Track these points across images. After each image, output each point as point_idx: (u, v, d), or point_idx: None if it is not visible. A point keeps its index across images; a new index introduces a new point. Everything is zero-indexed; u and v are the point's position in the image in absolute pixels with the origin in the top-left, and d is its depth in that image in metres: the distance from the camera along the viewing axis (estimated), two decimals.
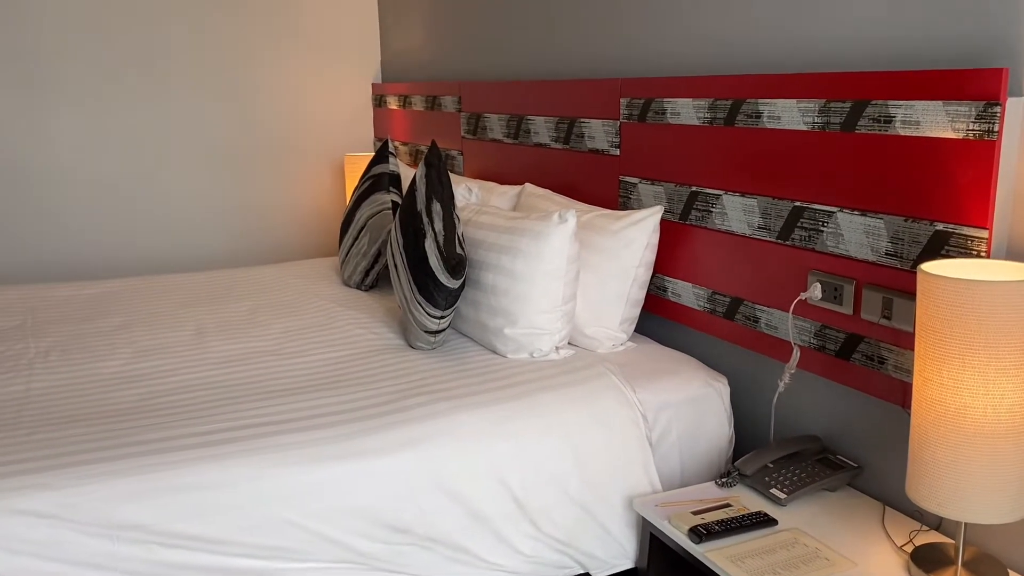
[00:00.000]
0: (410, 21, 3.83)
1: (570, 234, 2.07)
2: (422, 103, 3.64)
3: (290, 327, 2.41)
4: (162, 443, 1.64)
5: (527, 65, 2.96)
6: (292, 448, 1.65)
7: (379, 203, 2.79)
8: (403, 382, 1.96)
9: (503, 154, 3.01)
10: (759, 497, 1.75)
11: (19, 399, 1.89)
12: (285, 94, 4.00)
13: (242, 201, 3.99)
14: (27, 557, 1.42)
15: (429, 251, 2.07)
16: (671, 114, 2.17)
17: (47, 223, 3.65)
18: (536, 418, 1.82)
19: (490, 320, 2.13)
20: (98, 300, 2.76)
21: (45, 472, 1.51)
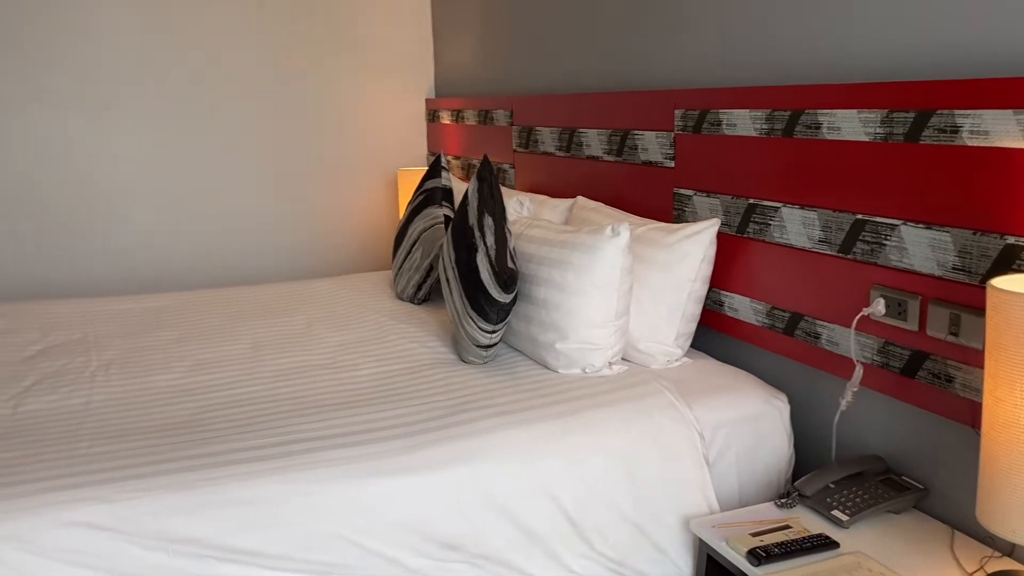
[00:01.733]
0: (463, 37, 3.85)
1: (623, 247, 2.04)
2: (474, 117, 3.65)
3: (344, 341, 2.42)
4: (216, 457, 1.66)
5: (579, 78, 2.94)
6: (344, 463, 1.65)
7: (432, 217, 2.80)
8: (454, 397, 1.95)
9: (555, 167, 3.00)
10: (820, 519, 1.70)
11: (80, 412, 1.93)
12: (340, 110, 4.05)
13: (298, 215, 4.05)
14: (86, 569, 1.44)
15: (481, 265, 2.06)
16: (727, 125, 2.13)
17: (113, 238, 3.74)
18: (589, 435, 1.80)
19: (541, 335, 2.11)
20: (157, 313, 2.81)
21: (103, 485, 1.53)
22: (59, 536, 1.43)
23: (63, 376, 2.17)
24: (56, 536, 1.43)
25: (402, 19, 4.10)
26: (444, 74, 4.11)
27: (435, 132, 4.15)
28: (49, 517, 1.44)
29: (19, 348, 2.43)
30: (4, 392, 2.04)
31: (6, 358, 2.33)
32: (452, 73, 4.02)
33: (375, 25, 4.05)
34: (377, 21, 4.05)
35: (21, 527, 1.42)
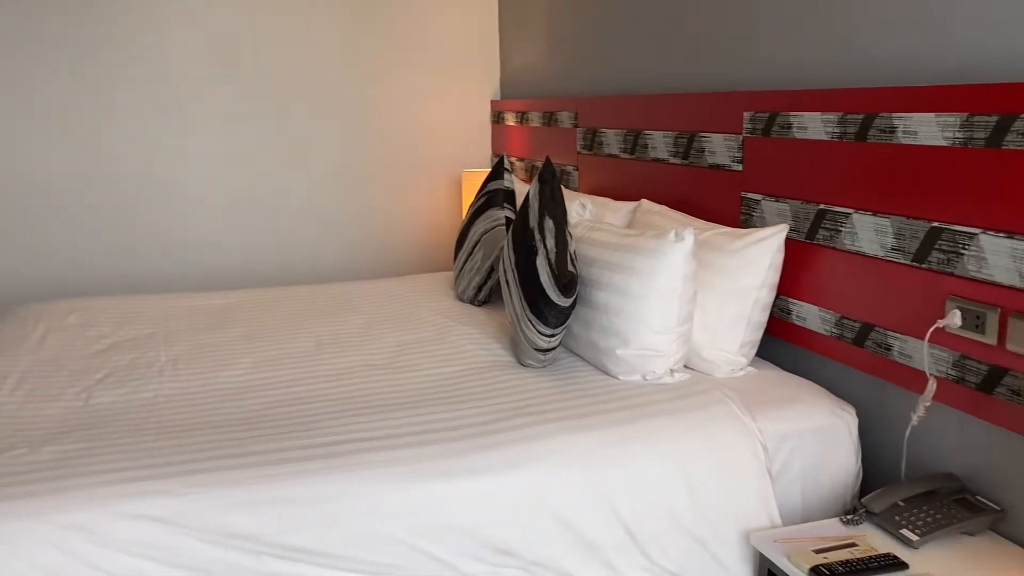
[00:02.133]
0: (529, 38, 3.84)
1: (687, 252, 2.00)
2: (539, 119, 3.63)
3: (403, 341, 2.43)
4: (276, 454, 1.67)
5: (645, 79, 2.90)
6: (400, 464, 1.65)
7: (493, 219, 2.80)
8: (512, 400, 1.94)
9: (619, 170, 2.96)
10: (888, 538, 1.63)
11: (148, 405, 1.97)
12: (406, 112, 4.08)
13: (362, 216, 4.09)
14: (148, 561, 1.47)
15: (540, 268, 2.05)
16: (797, 128, 2.07)
17: (183, 236, 3.84)
18: (648, 444, 1.76)
19: (602, 340, 2.08)
20: (225, 311, 2.86)
21: (167, 479, 1.56)
22: (123, 528, 1.47)
23: (133, 370, 2.23)
24: (120, 528, 1.47)
25: (470, 21, 4.11)
26: (510, 76, 4.11)
27: (500, 134, 4.15)
28: (114, 509, 1.48)
29: (92, 342, 2.51)
30: (77, 384, 2.11)
31: (80, 351, 2.41)
32: (518, 75, 4.01)
33: (443, 28, 4.07)
34: (445, 24, 4.07)
35: (87, 518, 1.46)
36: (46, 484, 1.52)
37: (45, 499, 1.47)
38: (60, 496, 1.49)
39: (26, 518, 1.44)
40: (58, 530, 1.44)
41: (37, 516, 1.44)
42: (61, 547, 1.43)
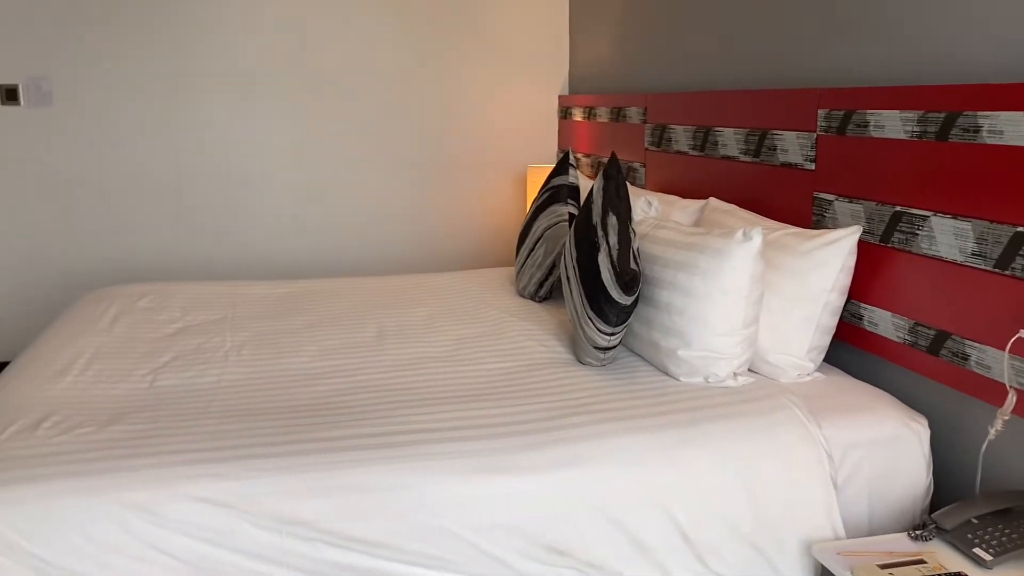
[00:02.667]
0: (599, 33, 3.80)
1: (755, 253, 1.94)
2: (607, 114, 3.59)
3: (464, 334, 2.43)
4: (334, 442, 1.68)
5: (716, 75, 2.84)
6: (456, 457, 1.64)
7: (556, 215, 2.77)
8: (569, 398, 1.91)
9: (688, 167, 2.91)
10: (959, 556, 1.56)
11: (212, 389, 2.01)
12: (473, 106, 4.08)
13: (427, 209, 4.11)
14: (205, 544, 1.49)
15: (602, 265, 2.02)
16: (875, 127, 2.00)
17: (251, 225, 3.92)
18: (708, 448, 1.72)
19: (663, 340, 2.04)
20: (291, 299, 2.90)
21: (226, 462, 1.58)
22: (182, 509, 1.49)
23: (199, 354, 2.27)
24: (180, 509, 1.49)
25: (539, 16, 4.09)
26: (578, 71, 4.08)
27: (567, 129, 4.12)
28: (174, 490, 1.50)
29: (161, 326, 2.57)
30: (143, 367, 2.16)
31: (149, 335, 2.46)
32: (587, 70, 3.97)
33: (512, 22, 4.05)
34: (514, 18, 4.05)
35: (148, 498, 1.49)
36: (109, 463, 1.56)
37: (108, 477, 1.51)
38: (122, 475, 1.52)
39: (89, 495, 1.47)
40: (119, 508, 1.47)
41: (99, 494, 1.48)
42: (121, 525, 1.46)
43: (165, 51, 3.69)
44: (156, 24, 3.66)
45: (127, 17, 3.63)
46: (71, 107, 3.65)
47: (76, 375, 2.07)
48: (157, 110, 3.73)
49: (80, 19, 3.58)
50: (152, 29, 3.66)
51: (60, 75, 3.62)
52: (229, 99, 3.80)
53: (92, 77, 3.65)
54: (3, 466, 1.54)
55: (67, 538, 1.44)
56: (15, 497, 1.45)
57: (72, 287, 3.78)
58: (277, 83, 3.84)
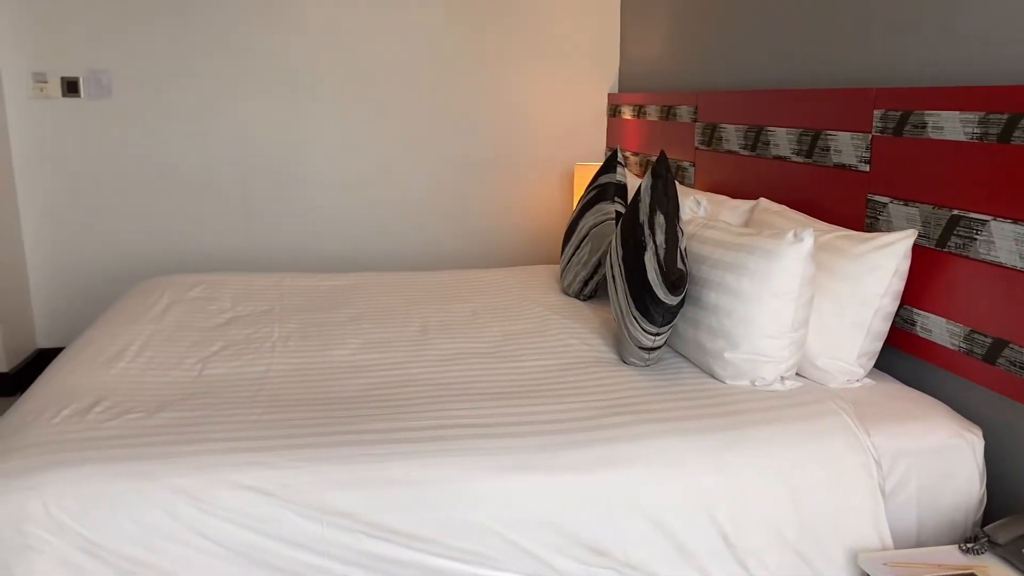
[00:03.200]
0: (650, 31, 3.76)
1: (806, 254, 1.91)
2: (657, 113, 3.56)
3: (507, 331, 2.42)
4: (377, 435, 1.69)
5: (769, 73, 2.79)
6: (497, 453, 1.64)
7: (603, 213, 2.75)
8: (612, 398, 1.90)
9: (738, 166, 2.87)
10: (1012, 571, 1.51)
11: (259, 379, 2.03)
12: (521, 104, 4.08)
13: (473, 205, 4.12)
14: (248, 531, 1.51)
15: (648, 264, 2.00)
16: (932, 128, 1.94)
17: (300, 219, 3.97)
18: (752, 452, 1.70)
19: (709, 342, 2.02)
20: (338, 292, 2.93)
21: (271, 452, 1.60)
22: (226, 496, 1.51)
23: (248, 344, 2.31)
24: (224, 496, 1.51)
25: (590, 12, 4.06)
26: (629, 68, 4.05)
27: (615, 127, 4.09)
28: (219, 477, 1.53)
29: (212, 315, 2.61)
30: (194, 355, 2.19)
31: (200, 324, 2.51)
32: (637, 67, 3.94)
33: (563, 19, 4.04)
34: (565, 15, 4.04)
35: (194, 484, 1.51)
36: (157, 448, 1.59)
37: (155, 463, 1.54)
38: (169, 461, 1.55)
39: (137, 480, 1.50)
40: (166, 494, 1.49)
41: (147, 479, 1.51)
42: (168, 511, 1.49)
43: (218, 47, 3.75)
44: (209, 21, 3.72)
45: (182, 14, 3.69)
46: (128, 100, 3.73)
47: (128, 362, 2.11)
48: (209, 105, 3.80)
49: (139, 15, 3.66)
50: (205, 26, 3.72)
51: (119, 69, 3.70)
52: (280, 95, 3.85)
53: (149, 72, 3.72)
54: (55, 448, 1.57)
55: (116, 521, 1.47)
56: (66, 479, 1.49)
57: (126, 276, 3.87)
58: (327, 79, 3.88)
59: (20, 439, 1.62)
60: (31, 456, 1.54)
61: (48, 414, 1.73)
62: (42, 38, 3.61)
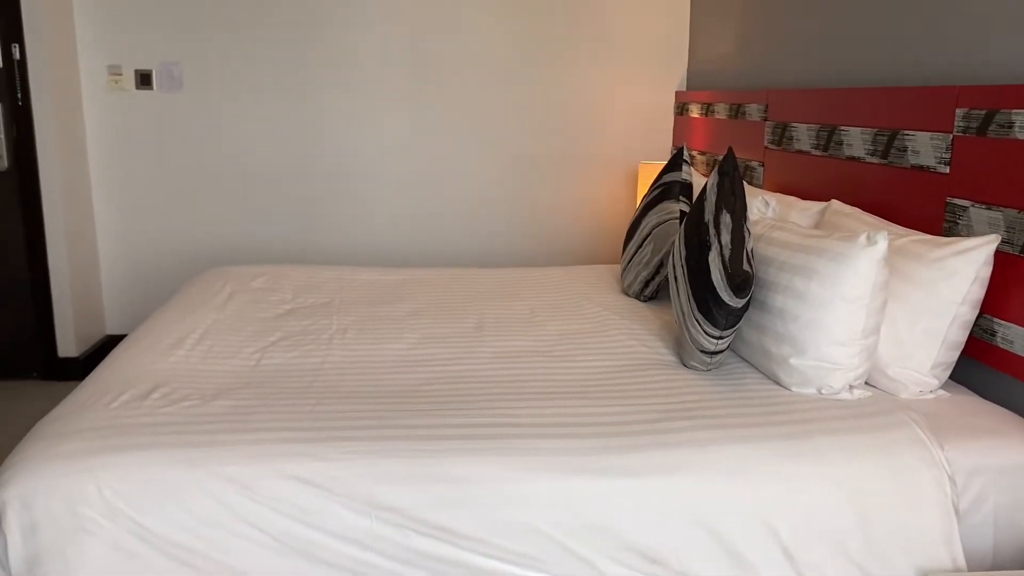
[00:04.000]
0: (720, 27, 3.67)
1: (879, 258, 1.82)
2: (725, 111, 3.47)
3: (564, 330, 2.38)
4: (428, 430, 1.67)
5: (843, 71, 2.69)
6: (549, 454, 1.60)
7: (667, 212, 2.69)
8: (670, 402, 1.84)
9: (809, 167, 2.77)
10: None
11: (314, 370, 2.03)
12: (586, 100, 4.02)
13: (534, 202, 4.08)
14: (294, 522, 1.50)
15: (712, 265, 1.93)
16: (1020, 128, 1.84)
17: (361, 213, 3.99)
18: (817, 463, 1.62)
19: (775, 347, 1.94)
20: (396, 286, 2.93)
21: (320, 443, 1.59)
22: (275, 486, 1.51)
23: (305, 335, 2.31)
24: (273, 486, 1.51)
25: (659, 9, 3.99)
26: (698, 66, 3.96)
27: (683, 126, 4.01)
28: (269, 467, 1.52)
29: (272, 306, 2.63)
30: (252, 345, 2.21)
31: (260, 314, 2.53)
32: (706, 65, 3.85)
33: (631, 15, 3.97)
34: (633, 11, 3.97)
35: (244, 472, 1.51)
36: (210, 436, 1.59)
37: (207, 451, 1.54)
38: (221, 449, 1.55)
39: (188, 467, 1.51)
40: (216, 482, 1.50)
41: (198, 466, 1.51)
42: (218, 499, 1.49)
43: (287, 43, 3.79)
44: (279, 17, 3.76)
45: (252, 9, 3.74)
46: (198, 93, 3.80)
47: (188, 349, 2.14)
48: (276, 99, 3.84)
49: (211, 10, 3.72)
50: (275, 22, 3.76)
51: (190, 62, 3.77)
52: (346, 90, 3.87)
53: (219, 65, 3.78)
54: (112, 433, 1.59)
55: (166, 508, 1.48)
56: (120, 463, 1.50)
57: (191, 266, 3.94)
58: (393, 75, 3.88)
59: (79, 422, 1.64)
60: (88, 440, 1.56)
61: (107, 399, 1.76)
62: (118, 31, 3.70)
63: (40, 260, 3.57)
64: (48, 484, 1.47)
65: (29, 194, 3.52)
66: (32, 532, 1.45)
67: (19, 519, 1.45)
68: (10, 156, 3.50)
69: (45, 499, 1.46)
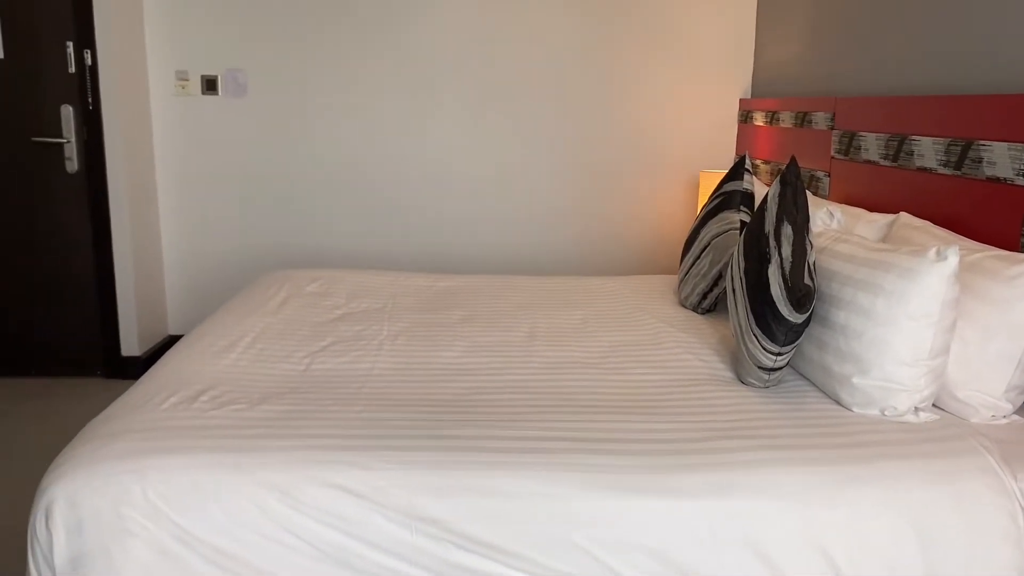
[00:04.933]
0: (787, 34, 3.58)
1: (949, 275, 1.73)
2: (791, 119, 3.38)
3: (617, 342, 2.33)
4: (473, 441, 1.64)
5: (915, 78, 2.58)
6: (597, 471, 1.55)
7: (726, 222, 2.61)
8: (726, 420, 1.78)
9: (877, 177, 2.66)
10: None
11: (363, 377, 2.02)
12: (650, 107, 3.96)
13: (591, 210, 4.03)
14: (335, 532, 1.48)
15: (772, 278, 1.86)
16: None
17: (421, 217, 3.99)
18: (878, 489, 1.54)
19: (836, 365, 1.86)
20: (450, 293, 2.91)
21: (364, 451, 1.57)
22: (316, 495, 1.49)
23: (356, 341, 2.31)
24: (314, 495, 1.49)
25: (724, 15, 3.90)
26: (763, 73, 3.86)
27: (746, 134, 3.91)
28: (309, 475, 1.51)
29: (326, 311, 2.63)
30: (303, 349, 2.21)
31: (313, 319, 2.53)
32: (771, 72, 3.76)
33: (694, 22, 3.90)
34: (698, 18, 3.89)
35: (286, 480, 1.50)
36: (253, 441, 1.59)
37: (250, 456, 1.54)
38: (263, 455, 1.54)
39: (230, 472, 1.50)
40: (257, 488, 1.49)
41: (241, 471, 1.50)
42: (258, 505, 1.48)
43: (347, 50, 3.82)
44: (341, 24, 3.79)
45: (315, 16, 3.78)
46: (262, 99, 3.85)
47: (239, 353, 2.15)
48: (338, 105, 3.87)
49: (275, 18, 3.77)
50: (336, 29, 3.80)
51: (254, 68, 3.82)
52: (407, 98, 3.88)
53: (282, 72, 3.83)
54: (158, 435, 1.60)
55: (207, 511, 1.47)
56: (164, 465, 1.50)
57: (252, 268, 3.99)
58: (454, 82, 3.88)
59: (128, 423, 1.65)
60: (135, 441, 1.57)
61: (157, 400, 1.77)
62: (185, 38, 3.78)
63: (106, 261, 3.65)
64: (94, 484, 1.48)
65: (97, 196, 3.61)
66: (77, 531, 1.46)
67: (65, 518, 1.46)
68: (80, 159, 3.60)
69: (91, 499, 1.47)
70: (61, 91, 3.54)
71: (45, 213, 3.64)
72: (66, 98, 3.54)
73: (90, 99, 3.53)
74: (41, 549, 1.47)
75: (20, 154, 3.58)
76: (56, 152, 3.59)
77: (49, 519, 1.46)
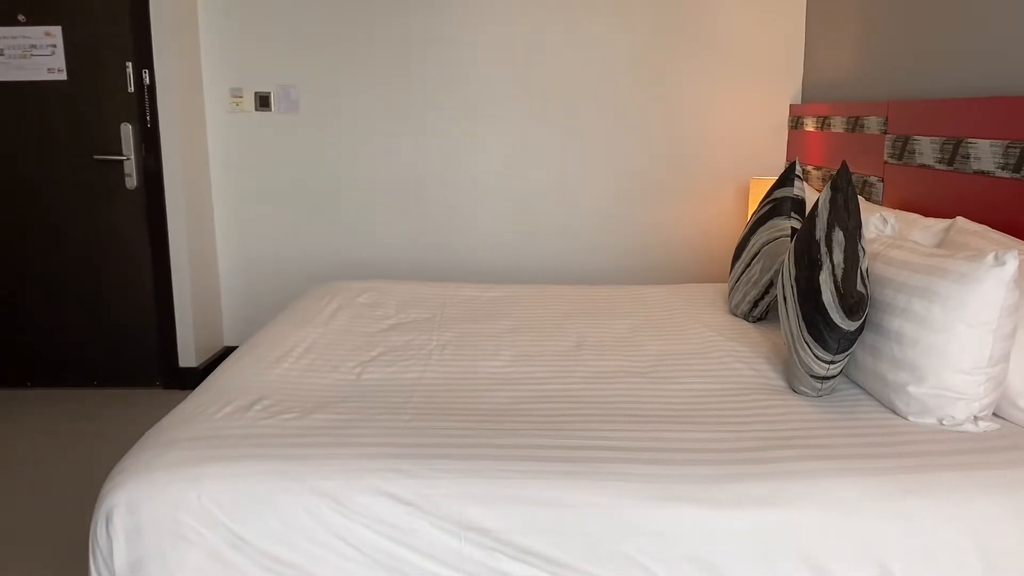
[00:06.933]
0: (837, 37, 3.52)
1: (1008, 280, 1.68)
2: (842, 124, 3.32)
3: (666, 351, 2.31)
4: (521, 450, 1.64)
5: (971, 79, 2.52)
6: (645, 481, 1.54)
7: (777, 229, 2.58)
8: (778, 429, 1.75)
9: (933, 182, 2.61)
10: None
11: (412, 386, 2.04)
12: (699, 114, 3.93)
13: (639, 218, 4.01)
14: (384, 539, 1.50)
15: (824, 285, 1.83)
16: None
17: (467, 230, 4.01)
18: (935, 501, 1.50)
19: (891, 373, 1.82)
20: (498, 303, 2.92)
21: (412, 459, 1.59)
22: (366, 503, 1.51)
23: (405, 351, 2.33)
24: (364, 502, 1.51)
25: (773, 21, 3.86)
26: (813, 78, 3.81)
27: (797, 140, 3.86)
28: (361, 483, 1.53)
29: (376, 321, 2.67)
30: (354, 359, 2.24)
31: (364, 329, 2.56)
32: (822, 76, 3.70)
33: (743, 28, 3.86)
34: (747, 23, 3.86)
35: (338, 487, 1.52)
36: (306, 450, 1.61)
37: (303, 464, 1.56)
38: (316, 463, 1.56)
39: (284, 479, 1.53)
40: (311, 496, 1.51)
41: (294, 479, 1.53)
42: (311, 512, 1.50)
43: (397, 65, 3.87)
44: (390, 40, 3.84)
45: (365, 33, 3.84)
46: (314, 114, 3.92)
47: (292, 362, 2.18)
48: (388, 119, 3.92)
49: (326, 35, 3.84)
50: (386, 45, 3.85)
51: (306, 84, 3.90)
52: (455, 110, 3.91)
53: (333, 88, 3.89)
54: (214, 443, 1.63)
55: (261, 518, 1.50)
56: (219, 473, 1.53)
57: (305, 280, 4.06)
58: (501, 94, 3.90)
59: (184, 431, 1.69)
60: (191, 449, 1.61)
61: (212, 409, 1.81)
62: (239, 56, 3.87)
63: (164, 274, 3.75)
64: (152, 491, 1.51)
65: (156, 212, 3.71)
66: (136, 537, 1.50)
67: (124, 524, 1.50)
68: (139, 176, 3.70)
69: (149, 505, 1.50)
70: (121, 110, 3.65)
71: (106, 229, 3.75)
72: (126, 117, 3.66)
73: (148, 117, 3.64)
74: (102, 554, 1.51)
75: (83, 172, 3.71)
76: (116, 169, 3.70)
77: (109, 525, 1.50)
